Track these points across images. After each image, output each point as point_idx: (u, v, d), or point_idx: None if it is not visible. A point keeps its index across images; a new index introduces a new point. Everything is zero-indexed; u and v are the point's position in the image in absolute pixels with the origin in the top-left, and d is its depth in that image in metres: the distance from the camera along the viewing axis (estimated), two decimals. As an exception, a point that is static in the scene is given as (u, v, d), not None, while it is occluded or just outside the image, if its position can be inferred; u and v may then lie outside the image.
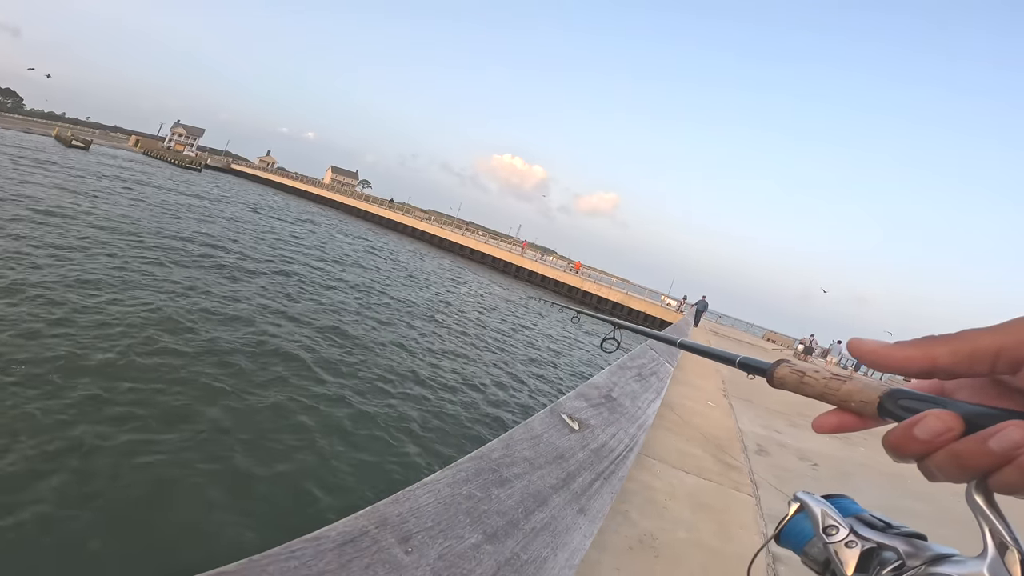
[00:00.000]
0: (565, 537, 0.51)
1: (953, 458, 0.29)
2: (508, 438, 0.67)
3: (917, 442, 0.30)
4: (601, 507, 0.64)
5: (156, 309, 8.39)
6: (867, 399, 0.34)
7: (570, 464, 0.69)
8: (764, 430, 5.60)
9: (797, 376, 0.40)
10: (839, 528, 0.37)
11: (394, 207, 65.39)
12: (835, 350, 24.80)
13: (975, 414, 0.29)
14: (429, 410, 7.62)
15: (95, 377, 5.70)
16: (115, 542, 3.66)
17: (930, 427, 0.29)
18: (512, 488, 0.55)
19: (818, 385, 0.38)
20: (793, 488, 2.41)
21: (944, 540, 0.33)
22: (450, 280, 25.87)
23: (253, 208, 30.58)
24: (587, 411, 0.92)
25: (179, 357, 6.94)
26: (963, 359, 0.30)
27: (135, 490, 4.20)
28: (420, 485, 0.50)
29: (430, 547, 0.43)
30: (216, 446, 5.08)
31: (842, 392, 0.36)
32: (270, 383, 6.84)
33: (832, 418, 0.37)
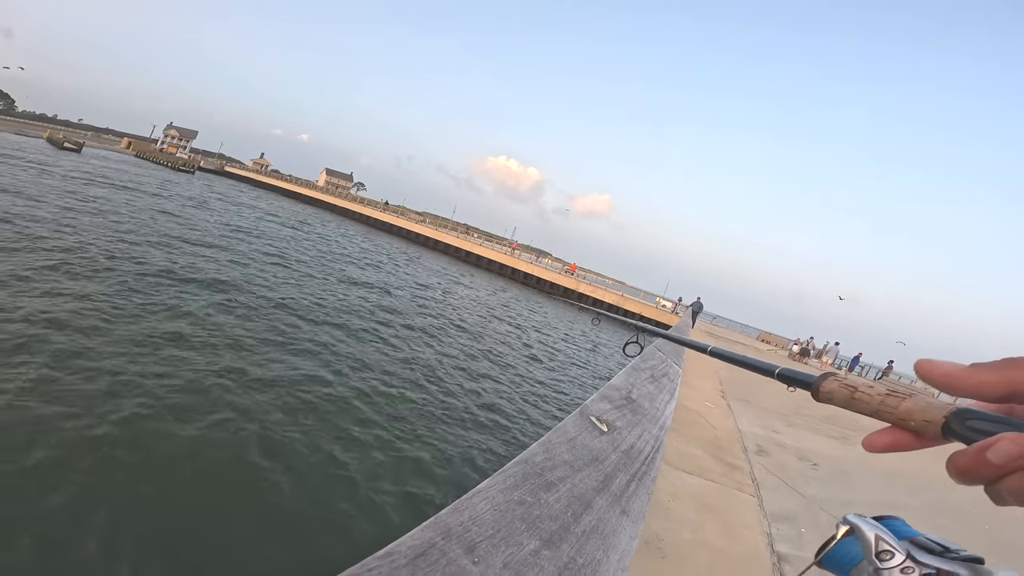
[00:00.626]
0: (613, 539, 0.51)
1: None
2: (547, 441, 0.67)
3: (990, 466, 0.28)
4: (640, 508, 0.64)
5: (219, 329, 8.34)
6: (930, 419, 0.33)
7: (606, 466, 0.70)
8: (763, 430, 5.63)
9: (847, 391, 0.38)
10: (895, 553, 0.35)
11: (389, 209, 65.26)
12: (832, 352, 24.95)
13: None
14: (459, 413, 7.62)
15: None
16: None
17: (1005, 451, 0.28)
18: (558, 492, 0.55)
19: (872, 402, 0.37)
20: (794, 487, 2.46)
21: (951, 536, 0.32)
22: (451, 282, 25.85)
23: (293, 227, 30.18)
24: (612, 413, 0.92)
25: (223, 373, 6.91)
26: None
27: (199, 511, 4.16)
28: (475, 493, 0.50)
29: (494, 556, 0.43)
30: (258, 469, 4.98)
31: (901, 410, 0.34)
32: (314, 403, 6.81)
33: (886, 437, 0.35)
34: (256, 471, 4.88)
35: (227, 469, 4.82)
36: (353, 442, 5.96)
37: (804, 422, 6.40)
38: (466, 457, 6.41)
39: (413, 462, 5.91)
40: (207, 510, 4.20)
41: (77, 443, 4.50)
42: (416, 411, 7.44)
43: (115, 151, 77.87)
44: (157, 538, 3.75)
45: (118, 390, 5.60)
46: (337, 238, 31.01)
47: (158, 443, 4.92)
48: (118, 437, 4.74)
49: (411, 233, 51.60)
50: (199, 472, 4.63)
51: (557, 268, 46.47)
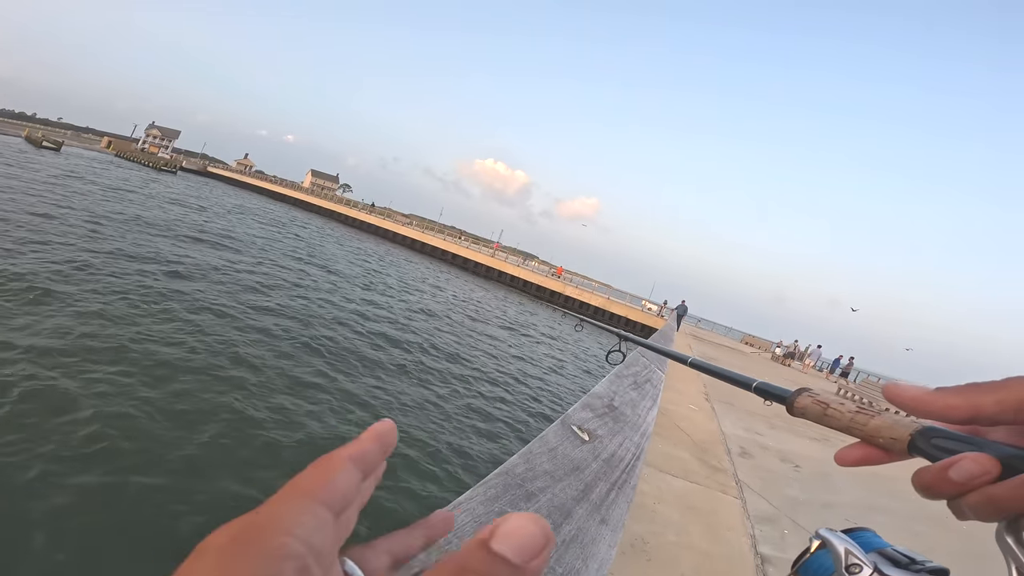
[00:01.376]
0: (592, 548, 0.52)
1: (988, 501, 0.28)
2: (528, 452, 0.68)
3: (951, 484, 0.29)
4: (620, 516, 0.65)
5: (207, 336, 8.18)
6: (897, 436, 0.34)
7: (586, 475, 0.71)
8: (746, 432, 5.69)
9: (820, 407, 0.39)
10: (862, 567, 0.36)
11: (375, 211, 64.86)
12: (814, 354, 25.30)
13: (1012, 457, 0.29)
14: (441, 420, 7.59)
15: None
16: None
17: (966, 470, 0.29)
18: (539, 502, 0.56)
19: (843, 419, 0.37)
20: (777, 489, 2.50)
21: (926, 547, 0.33)
22: (433, 287, 25.76)
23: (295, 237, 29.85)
24: (594, 421, 0.93)
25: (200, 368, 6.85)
26: (1009, 408, 0.30)
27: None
28: (456, 505, 0.51)
29: None
30: (245, 473, 5.01)
31: (870, 427, 0.35)
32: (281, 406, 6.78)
33: (857, 451, 0.36)
34: (228, 485, 4.89)
35: (205, 480, 4.81)
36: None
37: (786, 424, 6.49)
38: (449, 467, 6.41)
39: (396, 472, 5.89)
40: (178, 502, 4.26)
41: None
42: (399, 419, 7.41)
43: (95, 150, 76.39)
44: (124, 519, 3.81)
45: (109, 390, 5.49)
46: (322, 241, 30.73)
47: (131, 424, 4.98)
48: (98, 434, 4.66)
49: (397, 235, 51.35)
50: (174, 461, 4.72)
51: (544, 271, 46.58)
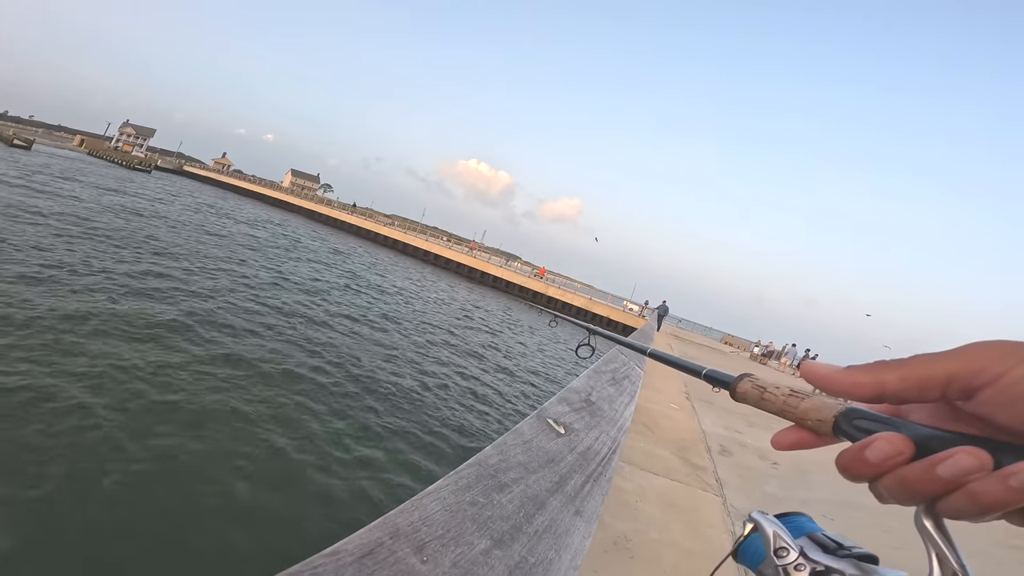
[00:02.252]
0: (566, 539, 0.52)
1: (901, 483, 0.29)
2: (502, 443, 0.67)
3: (867, 465, 0.29)
4: (594, 508, 0.64)
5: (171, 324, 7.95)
6: (823, 418, 0.34)
7: (561, 467, 0.70)
8: (725, 431, 5.76)
9: (758, 392, 0.40)
10: (789, 551, 0.37)
11: (357, 212, 64.25)
12: (790, 353, 25.78)
13: (927, 437, 0.29)
14: (418, 415, 7.54)
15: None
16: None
17: (880, 450, 0.29)
18: (511, 493, 0.55)
19: (777, 402, 0.38)
20: (756, 486, 2.52)
21: (896, 544, 0.32)
22: (417, 287, 25.62)
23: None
24: (570, 415, 0.92)
25: (177, 365, 6.81)
26: (913, 386, 0.30)
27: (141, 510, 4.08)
28: (425, 494, 0.50)
29: (444, 555, 0.43)
30: (214, 468, 4.93)
31: (800, 410, 0.36)
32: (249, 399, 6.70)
33: (791, 435, 0.37)
34: (201, 467, 4.86)
35: (175, 466, 4.76)
36: (303, 441, 5.93)
37: (764, 422, 6.58)
38: (422, 457, 6.40)
39: (365, 462, 5.90)
40: (147, 506, 4.17)
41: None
42: (370, 414, 7.40)
43: (67, 149, 74.40)
44: (91, 531, 3.71)
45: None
46: (303, 238, 30.37)
47: (97, 430, 4.87)
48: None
49: (379, 236, 50.94)
50: (142, 468, 4.59)
51: (527, 272, 46.66)
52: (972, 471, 0.26)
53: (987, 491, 0.26)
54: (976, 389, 0.28)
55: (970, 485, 0.26)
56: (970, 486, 0.26)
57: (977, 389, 0.28)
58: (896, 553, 2.97)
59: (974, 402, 0.29)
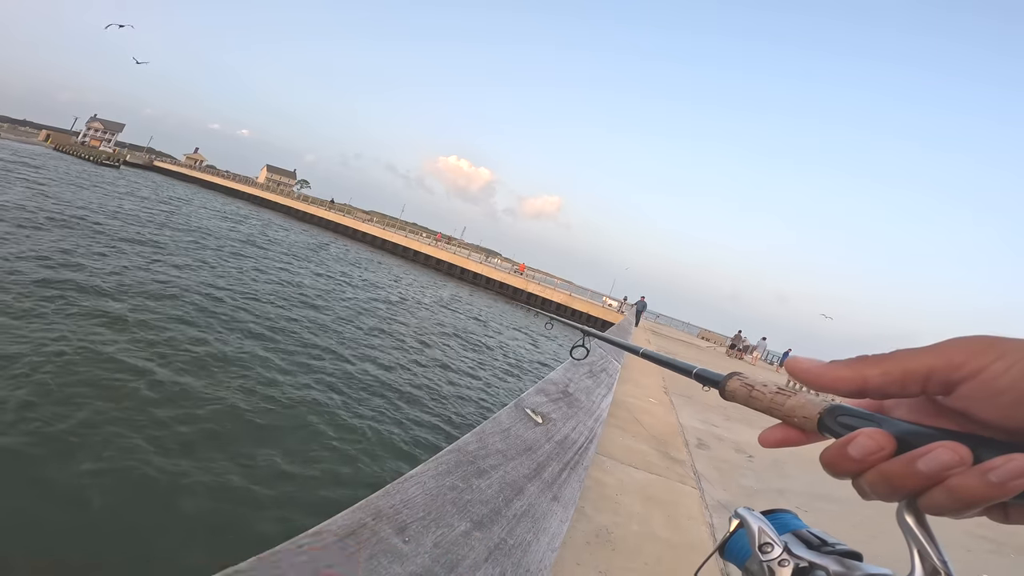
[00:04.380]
0: (543, 523, 0.52)
1: (882, 478, 0.28)
2: (481, 431, 0.68)
3: (850, 461, 0.29)
4: (572, 495, 0.66)
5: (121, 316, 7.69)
6: (808, 415, 0.35)
7: (539, 455, 0.71)
8: (703, 424, 5.85)
9: (747, 390, 0.41)
10: (774, 546, 0.37)
11: (334, 208, 63.41)
12: (761, 347, 26.25)
13: (908, 433, 0.29)
14: (401, 403, 7.56)
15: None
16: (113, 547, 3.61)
17: (862, 446, 0.29)
18: (491, 478, 0.56)
19: (765, 400, 0.39)
20: (733, 479, 2.55)
21: (872, 534, 0.32)
22: (392, 283, 25.40)
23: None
24: (548, 405, 0.93)
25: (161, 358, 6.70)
26: (894, 380, 0.30)
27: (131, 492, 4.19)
28: (407, 478, 0.51)
29: (425, 536, 0.44)
30: (199, 450, 5.03)
31: (786, 407, 0.36)
32: (240, 388, 6.78)
33: (777, 432, 0.37)
34: (189, 452, 5.00)
35: (169, 446, 4.90)
36: (291, 427, 6.06)
37: (740, 415, 6.71)
38: (403, 444, 6.47)
39: (349, 450, 5.95)
40: (144, 486, 4.29)
41: None
42: (354, 401, 7.46)
43: (32, 144, 71.80)
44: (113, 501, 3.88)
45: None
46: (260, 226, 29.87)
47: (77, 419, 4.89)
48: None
49: (358, 232, 50.37)
50: (148, 447, 4.74)
51: (506, 268, 46.66)
52: (951, 466, 0.26)
53: (966, 486, 0.26)
54: (956, 384, 0.28)
55: (950, 480, 0.26)
56: (950, 481, 0.26)
57: (957, 384, 0.28)
58: (872, 542, 3.08)
59: (954, 397, 0.29)
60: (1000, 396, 0.27)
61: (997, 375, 0.27)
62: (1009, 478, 0.25)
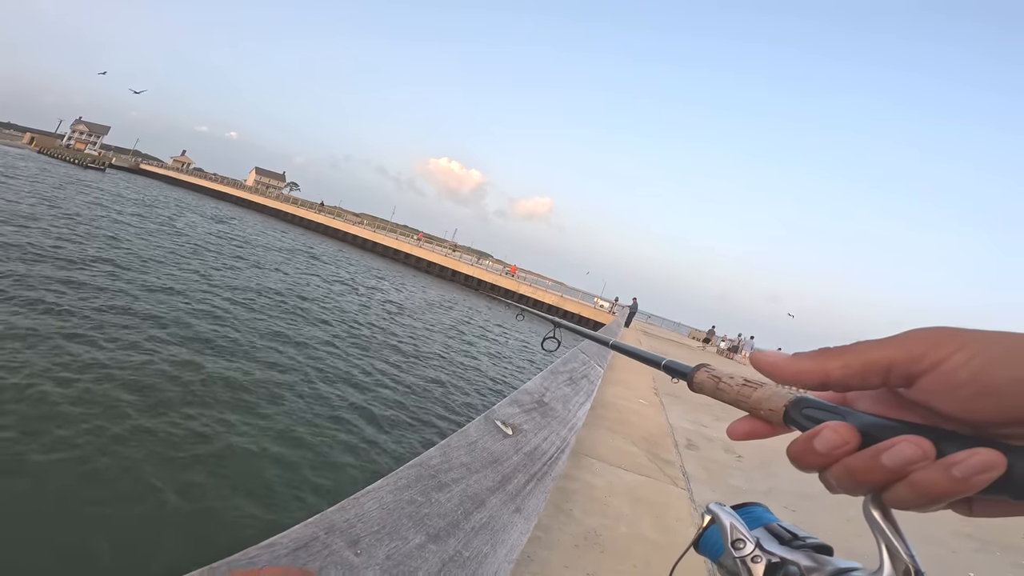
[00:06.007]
0: (503, 535, 0.53)
1: (847, 472, 0.28)
2: (445, 445, 0.68)
3: (815, 455, 0.29)
4: (536, 506, 0.66)
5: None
6: (774, 407, 0.34)
7: (505, 467, 0.71)
8: (692, 425, 5.87)
9: (714, 382, 0.41)
10: (746, 542, 0.37)
11: (324, 211, 63.03)
12: (748, 345, 26.44)
13: (872, 426, 0.29)
14: (368, 416, 7.47)
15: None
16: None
17: (827, 440, 0.29)
18: (451, 492, 0.56)
19: (731, 391, 0.39)
20: (722, 479, 2.57)
21: (858, 532, 0.32)
22: (375, 281, 25.28)
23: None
24: (520, 416, 0.93)
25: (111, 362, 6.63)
26: (855, 372, 0.30)
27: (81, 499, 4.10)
28: (363, 493, 0.51)
29: (378, 548, 0.44)
30: (158, 462, 4.95)
31: (752, 399, 0.36)
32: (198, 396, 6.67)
33: (745, 425, 0.37)
34: (142, 462, 4.93)
35: (120, 459, 4.81)
36: (246, 441, 5.96)
37: (729, 415, 6.72)
38: (367, 460, 6.41)
39: (309, 465, 5.88)
40: (88, 500, 4.20)
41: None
42: (321, 414, 7.38)
43: (16, 147, 70.74)
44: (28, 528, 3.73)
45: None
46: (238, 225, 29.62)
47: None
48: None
49: (347, 235, 50.13)
50: (81, 464, 4.60)
51: (498, 270, 46.62)
52: (915, 460, 0.26)
53: (930, 481, 0.25)
54: (916, 376, 0.28)
55: (913, 475, 0.26)
56: (913, 476, 0.26)
57: (917, 376, 0.28)
58: (857, 538, 3.10)
59: (915, 389, 0.28)
60: (960, 389, 0.26)
61: (957, 367, 0.26)
62: (972, 473, 0.24)
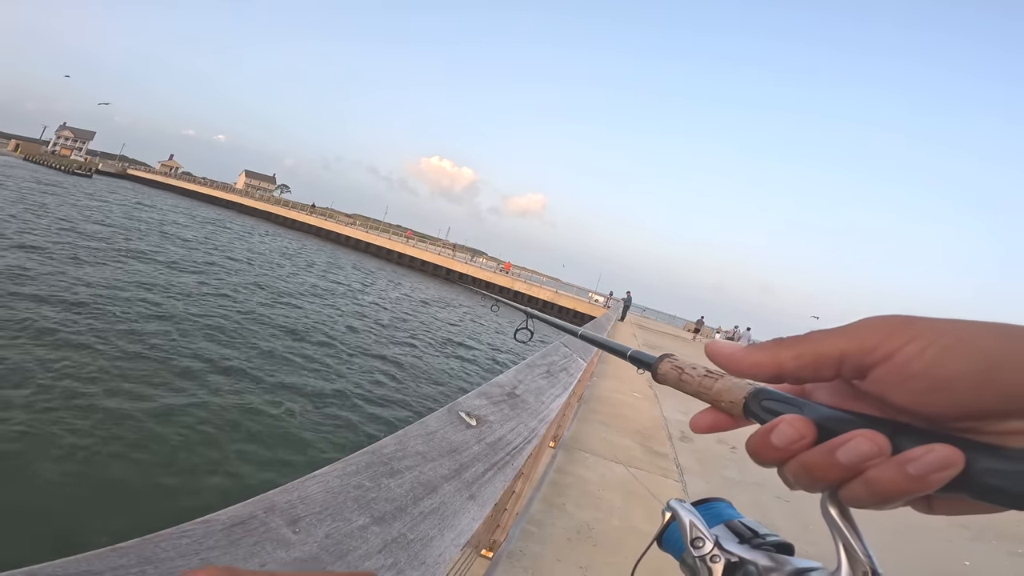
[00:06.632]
0: (453, 520, 0.54)
1: (803, 468, 0.27)
2: (402, 435, 0.68)
3: (772, 449, 0.28)
4: (492, 494, 0.66)
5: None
6: (734, 399, 0.33)
7: (464, 456, 0.71)
8: (686, 417, 5.89)
9: (676, 372, 0.39)
10: (705, 541, 0.36)
11: (316, 212, 62.79)
12: (745, 337, 26.55)
13: (829, 419, 0.28)
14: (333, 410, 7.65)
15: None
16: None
17: (783, 434, 0.27)
18: (403, 478, 0.58)
19: (693, 383, 0.37)
20: (715, 471, 2.58)
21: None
22: (361, 282, 25.23)
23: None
24: (487, 408, 0.93)
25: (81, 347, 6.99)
26: (807, 364, 0.28)
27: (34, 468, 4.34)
28: (310, 477, 0.55)
29: (318, 528, 0.45)
30: (111, 440, 5.12)
31: (713, 391, 0.35)
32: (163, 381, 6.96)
33: (707, 417, 0.35)
34: (87, 436, 5.12)
35: (72, 435, 5.00)
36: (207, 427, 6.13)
37: (724, 406, 6.77)
38: (325, 446, 6.55)
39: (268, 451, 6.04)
40: (35, 477, 4.36)
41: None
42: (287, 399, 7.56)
43: (1, 154, 70.05)
44: None
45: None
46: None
47: None
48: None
49: (340, 236, 49.98)
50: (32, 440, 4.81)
51: (492, 267, 46.63)
52: (870, 456, 0.25)
53: (885, 478, 0.24)
54: (868, 368, 0.27)
55: (868, 472, 0.25)
56: (868, 473, 0.25)
57: (870, 368, 0.27)
58: None
59: (868, 381, 0.27)
60: (913, 380, 0.25)
61: (909, 359, 0.25)
62: (928, 471, 0.23)
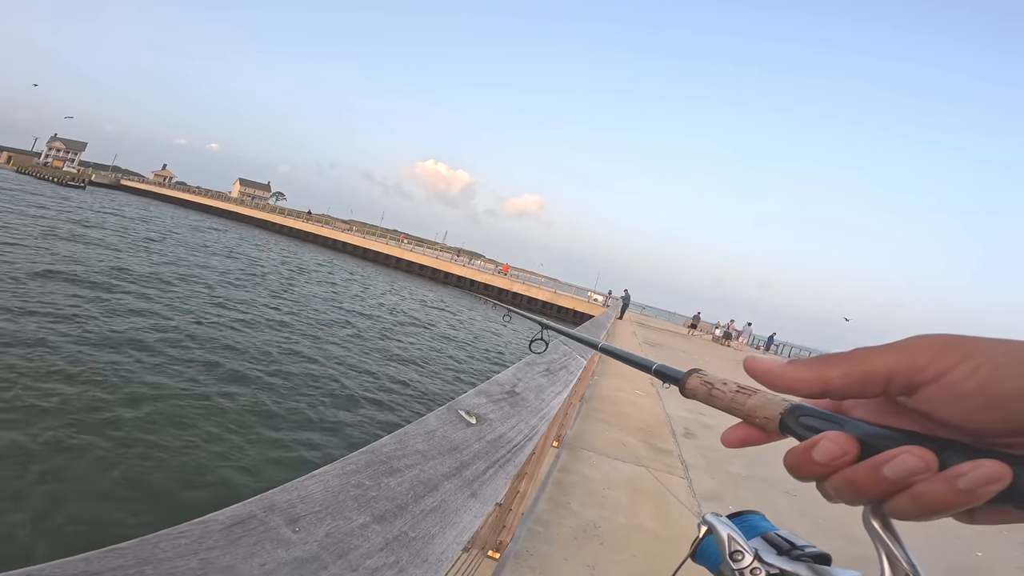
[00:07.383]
0: (454, 518, 0.54)
1: (847, 484, 0.28)
2: (402, 434, 0.67)
3: (814, 465, 0.29)
4: (494, 491, 0.65)
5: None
6: (769, 415, 0.34)
7: (464, 454, 0.70)
8: (689, 414, 5.88)
9: (706, 388, 0.40)
10: (744, 554, 0.36)
11: (312, 219, 62.78)
12: (746, 332, 26.60)
13: (872, 435, 0.28)
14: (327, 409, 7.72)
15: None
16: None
17: (826, 450, 0.28)
18: (403, 477, 0.57)
19: (725, 399, 0.38)
20: (720, 467, 2.54)
21: (856, 521, 0.30)
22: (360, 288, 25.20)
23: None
24: (487, 406, 0.92)
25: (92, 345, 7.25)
26: (855, 381, 0.29)
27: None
28: (309, 476, 0.51)
29: (318, 527, 0.45)
30: (110, 442, 5.18)
31: (747, 407, 0.36)
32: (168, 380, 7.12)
33: (739, 432, 0.36)
34: (97, 436, 5.24)
35: (80, 432, 5.14)
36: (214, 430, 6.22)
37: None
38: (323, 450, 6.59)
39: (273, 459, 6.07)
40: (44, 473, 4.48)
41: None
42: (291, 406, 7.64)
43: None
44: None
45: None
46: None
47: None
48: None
49: (337, 242, 49.96)
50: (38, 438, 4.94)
51: (490, 270, 46.62)
52: (917, 472, 0.25)
53: (933, 493, 0.25)
54: (918, 386, 0.27)
55: (916, 487, 0.25)
56: (916, 488, 0.25)
57: (919, 386, 0.27)
58: (860, 527, 3.19)
59: (916, 398, 0.28)
60: (965, 400, 0.26)
61: (962, 378, 0.26)
62: (977, 485, 0.23)
